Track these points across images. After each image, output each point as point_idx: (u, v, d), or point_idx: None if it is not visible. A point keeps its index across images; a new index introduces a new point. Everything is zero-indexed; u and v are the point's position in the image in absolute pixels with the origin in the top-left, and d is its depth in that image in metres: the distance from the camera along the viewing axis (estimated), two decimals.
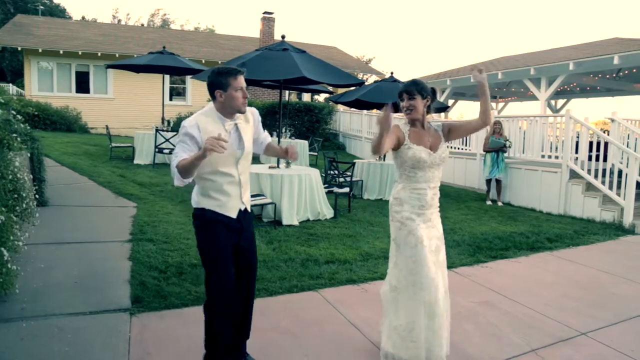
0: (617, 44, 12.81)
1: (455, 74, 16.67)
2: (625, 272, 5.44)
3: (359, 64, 26.97)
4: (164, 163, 11.07)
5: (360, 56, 38.61)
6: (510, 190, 9.96)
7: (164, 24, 45.13)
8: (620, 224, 7.83)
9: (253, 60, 6.96)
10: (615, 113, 9.08)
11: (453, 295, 4.39)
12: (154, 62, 10.96)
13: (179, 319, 3.54)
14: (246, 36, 26.35)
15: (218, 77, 2.59)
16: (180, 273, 4.40)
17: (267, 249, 5.38)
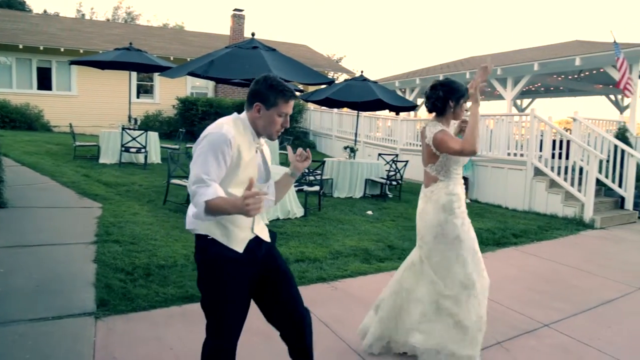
0: (578, 46, 13.23)
1: (425, 73, 16.90)
2: (585, 265, 5.63)
3: (329, 63, 27.01)
4: (131, 162, 10.86)
5: (331, 55, 38.63)
6: (477, 187, 10.16)
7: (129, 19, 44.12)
8: (581, 219, 8.09)
9: (222, 58, 6.88)
10: (576, 113, 9.37)
11: None
12: (120, 59, 10.71)
13: (146, 322, 3.48)
14: (216, 33, 26.03)
15: (268, 90, 2.15)
16: (148, 274, 4.32)
17: None
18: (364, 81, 9.95)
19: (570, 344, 3.49)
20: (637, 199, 8.97)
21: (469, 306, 2.92)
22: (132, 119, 12.13)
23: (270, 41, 23.13)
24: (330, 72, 24.80)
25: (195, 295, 3.94)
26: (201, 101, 17.17)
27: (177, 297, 3.89)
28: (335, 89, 9.76)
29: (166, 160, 7.45)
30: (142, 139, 10.40)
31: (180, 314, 3.64)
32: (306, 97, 11.60)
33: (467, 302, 2.92)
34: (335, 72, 26.03)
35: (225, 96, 19.51)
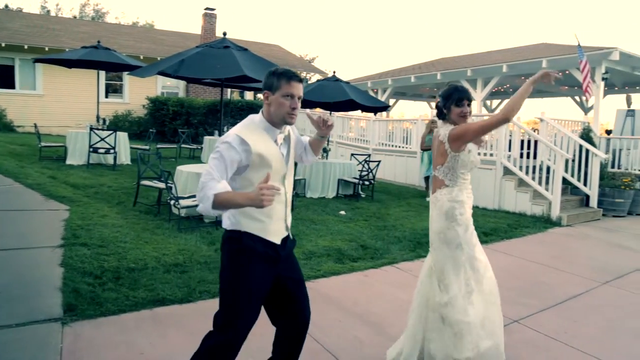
0: (545, 49, 13.58)
1: (397, 73, 17.06)
2: (553, 261, 5.78)
3: (301, 63, 26.99)
4: (99, 163, 10.61)
5: (304, 55, 38.60)
6: None
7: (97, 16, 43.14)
8: (549, 216, 8.31)
9: (193, 57, 6.79)
10: (544, 113, 9.61)
11: (395, 290, 4.52)
12: (88, 57, 10.45)
13: (116, 326, 3.40)
14: (187, 32, 25.71)
15: (270, 77, 2.26)
16: (117, 278, 4.23)
17: (209, 250, 5.27)
18: (336, 81, 9.98)
19: (538, 339, 3.58)
20: (601, 197, 9.26)
21: (466, 311, 2.90)
22: (100, 119, 11.86)
23: (242, 41, 23.00)
24: (303, 72, 24.78)
25: (167, 298, 3.88)
26: (172, 101, 16.91)
27: (147, 300, 3.83)
28: (308, 89, 9.75)
29: (136, 161, 7.31)
30: (111, 140, 10.18)
31: (151, 318, 3.58)
32: None
33: (464, 307, 2.91)
34: (308, 73, 26.05)
35: (197, 96, 19.27)
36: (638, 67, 11.73)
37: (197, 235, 5.83)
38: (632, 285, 5.03)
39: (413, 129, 12.14)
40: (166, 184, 6.48)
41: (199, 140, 15.17)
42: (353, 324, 3.75)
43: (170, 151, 13.74)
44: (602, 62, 10.91)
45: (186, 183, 6.70)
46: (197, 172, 6.70)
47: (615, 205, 9.23)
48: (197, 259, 4.93)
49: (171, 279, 4.32)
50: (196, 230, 6.08)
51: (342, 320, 3.81)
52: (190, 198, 6.32)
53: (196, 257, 4.98)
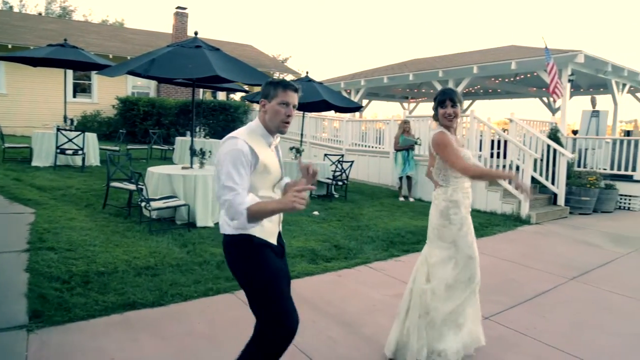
0: (514, 51, 13.87)
1: (370, 74, 17.15)
2: (522, 259, 5.90)
3: (274, 63, 26.90)
4: (67, 165, 10.35)
5: (277, 55, 38.41)
6: (421, 186, 10.42)
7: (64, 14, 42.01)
8: (518, 215, 8.49)
9: (164, 57, 6.68)
10: (513, 114, 9.82)
11: (368, 290, 4.54)
12: (54, 56, 10.15)
13: (85, 332, 3.32)
14: (158, 31, 25.29)
15: (267, 86, 2.33)
16: (86, 282, 4.13)
17: (181, 252, 5.20)
18: (309, 82, 9.97)
19: (508, 335, 3.65)
20: (568, 196, 9.51)
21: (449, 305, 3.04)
22: (68, 119, 11.55)
23: (214, 40, 22.75)
24: (276, 73, 24.68)
25: (138, 302, 3.81)
26: (143, 101, 16.61)
27: (118, 304, 3.75)
28: None
29: (105, 163, 7.15)
30: (79, 140, 9.94)
31: (122, 323, 3.51)
32: (251, 98, 11.50)
33: (448, 301, 3.05)
34: (281, 73, 25.95)
35: (169, 96, 18.99)
36: (601, 70, 12.09)
37: (168, 237, 5.74)
38: (597, 280, 5.18)
39: (386, 129, 12.24)
40: (137, 185, 6.37)
41: (170, 141, 14.95)
42: (327, 324, 3.75)
43: (141, 152, 13.50)
44: (568, 64, 11.21)
45: (157, 184, 6.59)
46: (169, 173, 6.60)
47: (581, 203, 9.49)
48: (169, 261, 4.85)
49: (142, 282, 4.24)
50: (168, 232, 5.99)
51: (316, 320, 3.81)
52: (161, 200, 6.22)
53: (168, 259, 4.91)
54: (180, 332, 3.43)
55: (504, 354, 3.36)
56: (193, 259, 4.99)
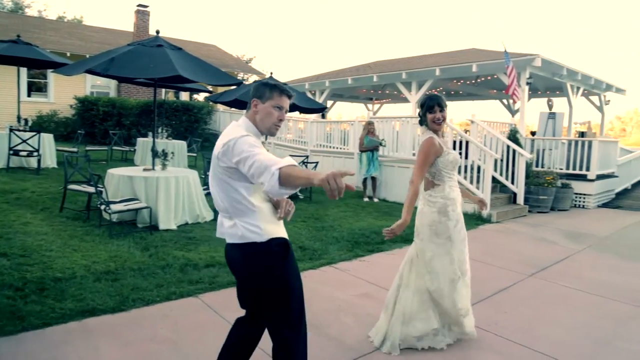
0: (474, 54, 14.19)
1: (335, 75, 17.22)
2: (484, 256, 6.04)
3: (238, 63, 26.67)
4: (21, 167, 9.95)
5: (241, 55, 38.05)
6: (385, 187, 10.53)
7: (16, 8, 40.36)
8: (480, 214, 8.68)
9: (124, 55, 6.51)
10: (474, 115, 10.04)
11: (333, 290, 4.54)
12: (6, 52, 9.74)
13: (40, 342, 3.19)
14: (118, 29, 24.69)
15: (262, 87, 2.29)
16: (42, 289, 3.97)
17: (143, 256, 5.08)
18: None
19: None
20: (527, 195, 9.80)
21: (453, 298, 3.32)
22: (21, 119, 11.12)
23: (176, 40, 22.39)
24: (240, 73, 24.50)
25: (97, 308, 3.70)
26: (102, 101, 16.17)
27: (76, 311, 3.62)
28: (245, 90, 9.64)
29: (63, 165, 6.92)
30: (35, 141, 9.58)
31: (80, 330, 3.39)
32: (215, 99, 11.35)
33: (451, 294, 3.32)
34: (245, 73, 25.78)
35: (130, 96, 18.56)
36: (557, 73, 12.51)
37: (130, 241, 5.60)
38: (554, 276, 5.36)
39: (350, 130, 12.31)
40: (96, 188, 6.19)
41: (131, 142, 14.61)
42: None
43: (101, 154, 13.14)
44: (527, 67, 11.55)
45: (118, 187, 6.42)
46: (130, 175, 6.44)
47: (539, 201, 9.80)
48: (130, 265, 4.73)
49: (102, 287, 4.12)
50: (129, 235, 5.84)
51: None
52: (122, 202, 6.06)
53: (129, 263, 4.78)
54: (142, 338, 3.34)
55: (466, 349, 3.42)
56: (155, 263, 4.88)
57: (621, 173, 12.76)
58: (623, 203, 11.70)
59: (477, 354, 3.38)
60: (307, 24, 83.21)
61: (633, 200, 12.05)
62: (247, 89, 9.65)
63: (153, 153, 7.34)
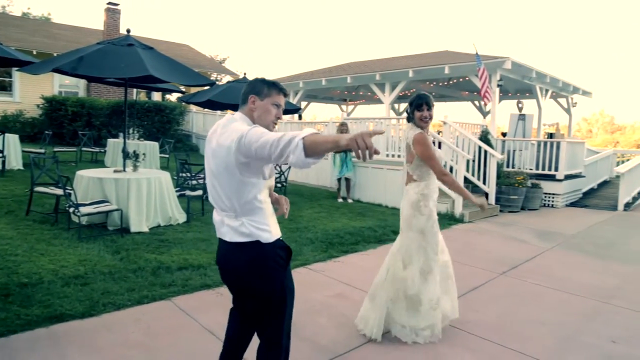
0: (447, 56, 14.38)
1: (309, 76, 17.22)
2: (457, 256, 6.09)
3: (212, 64, 26.41)
4: None
5: (214, 55, 37.66)
6: (359, 187, 10.58)
7: None
8: (453, 214, 8.80)
9: (94, 54, 6.36)
10: (447, 117, 10.17)
11: (308, 291, 4.53)
12: None
13: (5, 350, 3.08)
14: (87, 27, 24.12)
15: (260, 83, 2.27)
16: (7, 295, 3.85)
17: (114, 259, 4.97)
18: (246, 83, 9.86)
19: (443, 330, 3.75)
20: (498, 195, 9.98)
21: (425, 288, 3.48)
22: None
23: (148, 39, 22.06)
24: (213, 74, 24.29)
25: (66, 314, 3.60)
26: (71, 101, 15.75)
27: (43, 317, 3.52)
28: (218, 90, 9.55)
29: (29, 166, 6.72)
30: None
31: (48, 337, 3.29)
32: (187, 99, 11.21)
33: (423, 284, 3.48)
34: (219, 74, 25.56)
35: (100, 96, 18.17)
36: (527, 76, 12.80)
37: (100, 244, 5.48)
38: (524, 274, 5.47)
39: (325, 131, 12.32)
40: (64, 190, 6.04)
41: (102, 143, 14.31)
42: None
43: (70, 155, 12.82)
44: (497, 70, 11.77)
45: (87, 189, 6.28)
46: (100, 177, 6.31)
47: (510, 201, 9.99)
48: (101, 269, 4.63)
49: (71, 292, 4.01)
50: (99, 238, 5.71)
51: None
52: (91, 205, 5.93)
53: (99, 267, 4.68)
54: (113, 343, 3.27)
55: (439, 347, 3.46)
56: (127, 266, 4.78)
57: (588, 173, 13.13)
58: (590, 202, 12.04)
59: (449, 350, 3.42)
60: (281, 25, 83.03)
61: (599, 200, 12.41)
62: (220, 90, 9.57)
63: (124, 154, 7.20)
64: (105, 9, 19.81)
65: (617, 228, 8.86)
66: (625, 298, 4.76)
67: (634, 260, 6.40)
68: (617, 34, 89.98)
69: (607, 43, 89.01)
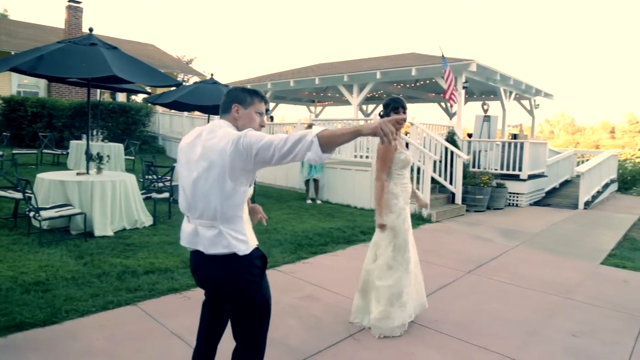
0: (414, 58, 14.58)
1: (277, 77, 17.16)
2: (425, 255, 6.18)
3: (178, 64, 26.03)
4: None
5: (181, 56, 37.11)
6: (327, 188, 10.61)
7: None
8: (421, 214, 8.92)
9: (54, 53, 6.16)
10: (414, 118, 10.30)
11: (277, 293, 4.48)
12: None
13: None
14: (48, 25, 23.41)
15: (242, 92, 2.28)
16: None
17: (77, 265, 4.83)
18: (214, 84, 9.75)
19: (412, 329, 3.80)
20: (465, 195, 10.17)
21: (392, 282, 3.61)
22: None
23: (112, 38, 21.58)
24: (180, 74, 23.96)
25: (26, 322, 3.47)
26: (31, 101, 15.21)
27: (1, 327, 3.38)
28: (184, 91, 9.40)
29: None
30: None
31: (7, 347, 3.17)
32: (153, 100, 11.01)
33: (390, 278, 3.62)
34: (186, 74, 25.22)
35: (61, 96, 17.65)
36: (492, 78, 13.09)
37: (62, 249, 5.32)
38: (490, 272, 5.59)
39: (293, 132, 12.29)
40: (24, 193, 5.83)
41: (64, 145, 13.90)
42: None
43: (30, 157, 12.40)
44: (463, 72, 12.00)
45: (49, 192, 6.08)
46: (62, 179, 6.12)
47: (476, 201, 10.20)
48: (63, 275, 4.49)
49: (31, 299, 3.87)
50: (61, 243, 5.55)
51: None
52: (53, 209, 5.75)
53: (62, 273, 4.54)
54: (76, 351, 3.17)
55: (406, 345, 3.50)
56: (91, 271, 4.65)
57: (550, 173, 13.53)
58: (552, 201, 12.41)
59: (417, 349, 3.46)
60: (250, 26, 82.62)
61: (561, 199, 12.81)
62: (186, 91, 9.43)
63: (87, 156, 7.00)
64: (66, 7, 19.26)
65: (578, 226, 9.16)
66: (584, 293, 4.92)
67: (593, 256, 6.63)
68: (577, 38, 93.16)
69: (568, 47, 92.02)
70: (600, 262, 6.33)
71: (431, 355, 3.38)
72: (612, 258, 6.58)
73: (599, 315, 4.31)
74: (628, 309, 4.51)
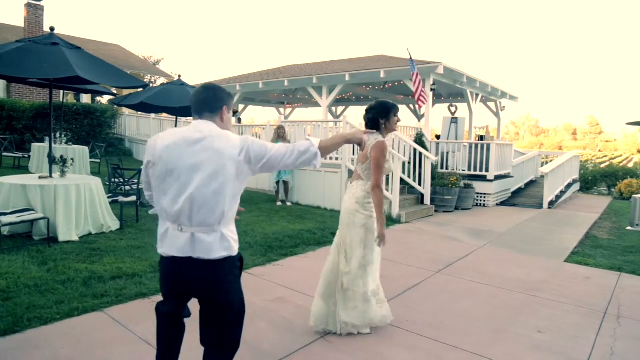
0: (382, 61, 14.72)
1: (245, 79, 17.05)
2: (395, 256, 6.25)
3: (145, 65, 25.55)
4: None
5: (148, 57, 36.44)
6: (297, 190, 10.59)
7: None
8: (390, 215, 9.00)
9: (12, 53, 5.95)
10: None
11: (248, 296, 4.44)
12: None
13: None
14: (6, 24, 22.61)
15: (227, 96, 2.31)
16: None
17: (40, 271, 4.68)
18: (182, 85, 9.61)
19: (383, 329, 3.82)
20: (433, 195, 10.33)
21: (364, 282, 3.64)
22: None
23: (75, 38, 21.05)
24: (147, 75, 23.53)
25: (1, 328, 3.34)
26: None
27: None
28: (151, 93, 9.23)
29: None
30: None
31: None
32: (119, 102, 10.75)
33: (362, 278, 3.63)
34: (153, 75, 24.79)
35: (22, 97, 17.06)
36: (459, 81, 13.34)
37: (24, 255, 5.14)
38: (459, 272, 5.68)
39: (262, 134, 12.25)
40: None
41: (25, 147, 13.45)
42: None
43: None
44: (431, 74, 12.20)
45: (9, 197, 5.87)
46: (23, 183, 5.92)
47: (445, 202, 10.36)
48: (25, 282, 4.33)
49: None
50: (23, 249, 5.36)
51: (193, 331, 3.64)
52: (14, 214, 5.55)
53: (23, 280, 4.38)
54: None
55: (377, 346, 3.51)
56: (55, 278, 4.51)
57: (516, 173, 13.87)
58: (518, 201, 12.72)
59: (387, 349, 3.48)
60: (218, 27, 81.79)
61: (526, 199, 13.14)
62: (153, 92, 9.26)
63: (50, 159, 6.79)
64: (25, 5, 18.59)
65: (543, 225, 9.42)
66: (549, 291, 5.06)
67: (557, 254, 6.83)
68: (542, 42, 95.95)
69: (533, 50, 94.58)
70: (564, 260, 6.52)
71: (402, 355, 3.41)
72: (575, 256, 6.79)
73: (563, 311, 4.43)
74: (590, 304, 4.66)
